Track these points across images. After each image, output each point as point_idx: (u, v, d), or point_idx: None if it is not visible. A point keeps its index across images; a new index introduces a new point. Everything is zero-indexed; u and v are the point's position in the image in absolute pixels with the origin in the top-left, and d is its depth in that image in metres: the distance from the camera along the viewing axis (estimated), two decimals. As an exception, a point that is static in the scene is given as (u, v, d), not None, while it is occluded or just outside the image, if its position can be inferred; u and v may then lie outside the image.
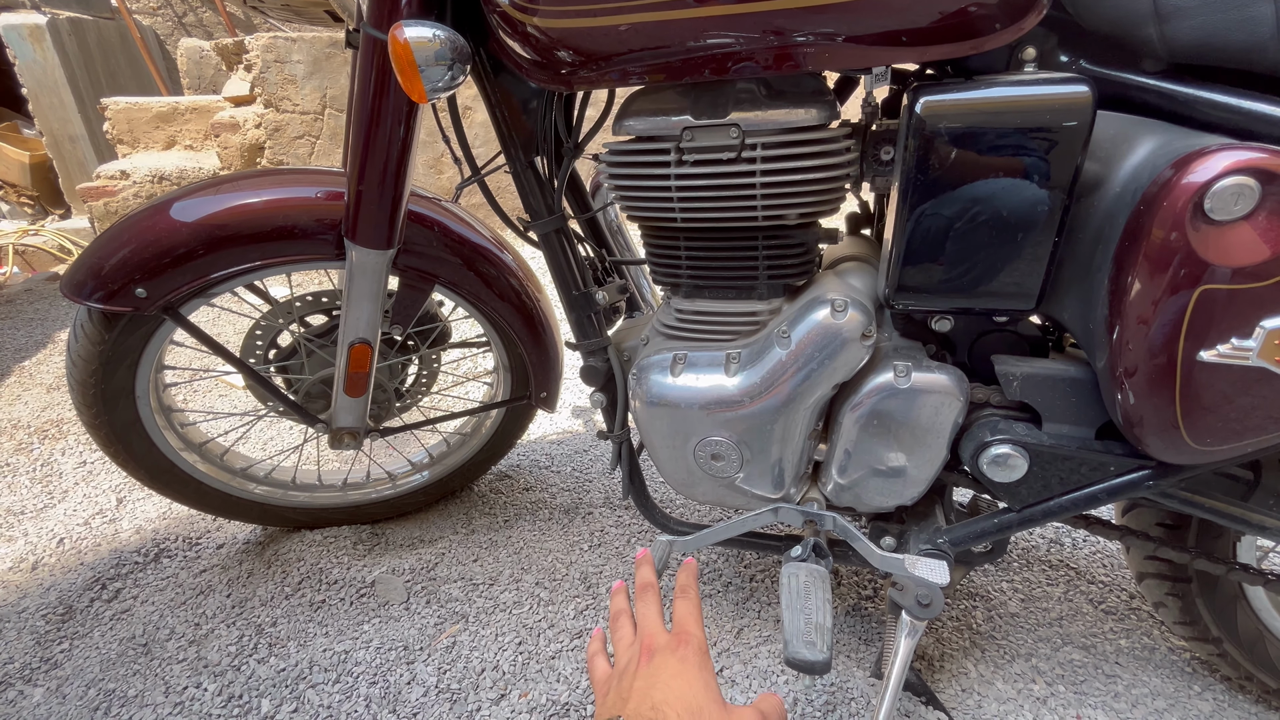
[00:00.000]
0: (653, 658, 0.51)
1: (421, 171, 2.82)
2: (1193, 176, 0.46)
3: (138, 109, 2.91)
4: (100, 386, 0.89)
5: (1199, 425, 0.53)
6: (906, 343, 0.71)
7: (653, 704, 0.46)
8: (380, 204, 0.78)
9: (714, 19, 0.55)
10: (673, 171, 0.64)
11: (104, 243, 0.83)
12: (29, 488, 1.36)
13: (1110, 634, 0.97)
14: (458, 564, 1.12)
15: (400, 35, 0.59)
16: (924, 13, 0.53)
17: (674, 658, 0.50)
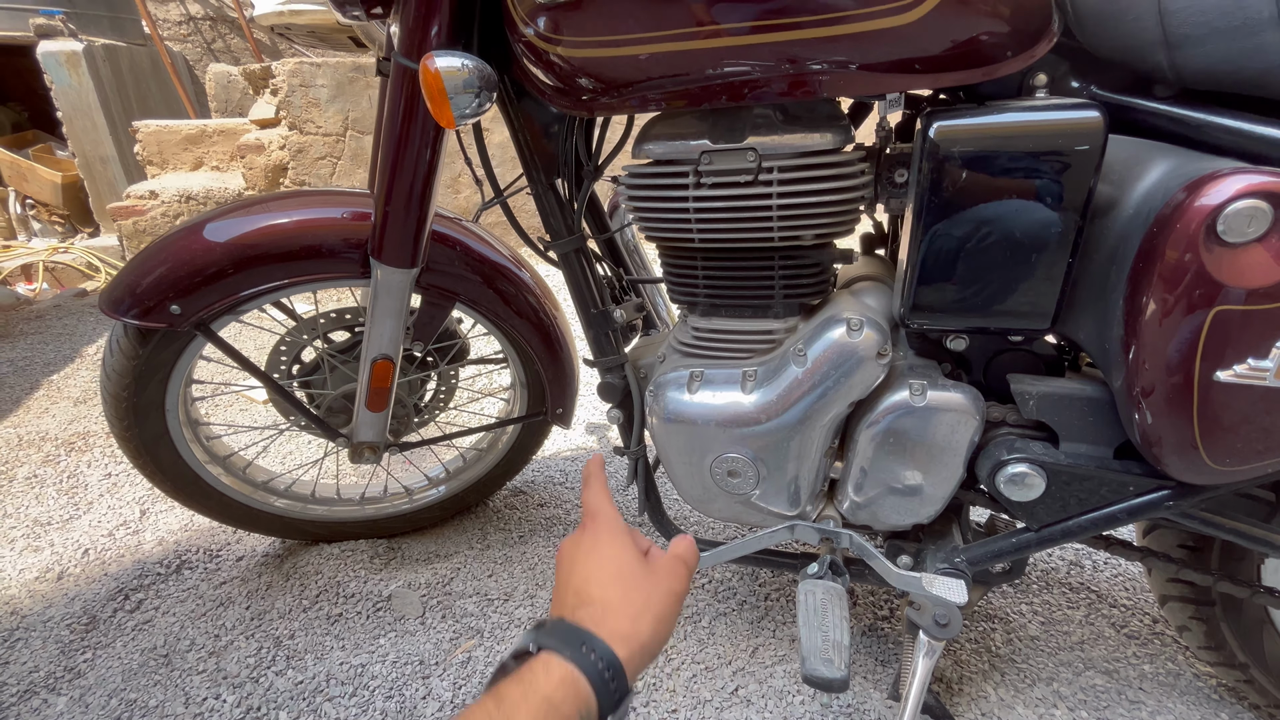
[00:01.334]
0: (565, 553, 0.51)
1: (440, 191, 2.88)
2: (1205, 199, 0.47)
3: (167, 131, 3.00)
4: (133, 400, 0.92)
5: (1218, 445, 0.53)
6: (922, 361, 0.71)
7: (575, 590, 0.47)
8: (406, 224, 0.81)
9: (731, 48, 0.57)
10: (691, 194, 0.66)
11: (140, 262, 0.86)
12: (55, 499, 1.39)
13: (1134, 659, 0.96)
14: (473, 579, 1.13)
15: (431, 65, 0.62)
16: (937, 41, 0.54)
17: (585, 540, 0.50)
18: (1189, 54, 0.51)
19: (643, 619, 0.45)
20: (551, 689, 0.39)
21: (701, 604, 1.05)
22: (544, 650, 0.41)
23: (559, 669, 0.40)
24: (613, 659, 0.41)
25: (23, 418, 1.73)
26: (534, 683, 0.39)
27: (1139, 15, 0.51)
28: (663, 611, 0.46)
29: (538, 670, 0.40)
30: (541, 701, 0.38)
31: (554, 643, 0.41)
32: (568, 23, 0.60)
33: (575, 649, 0.41)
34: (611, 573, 0.47)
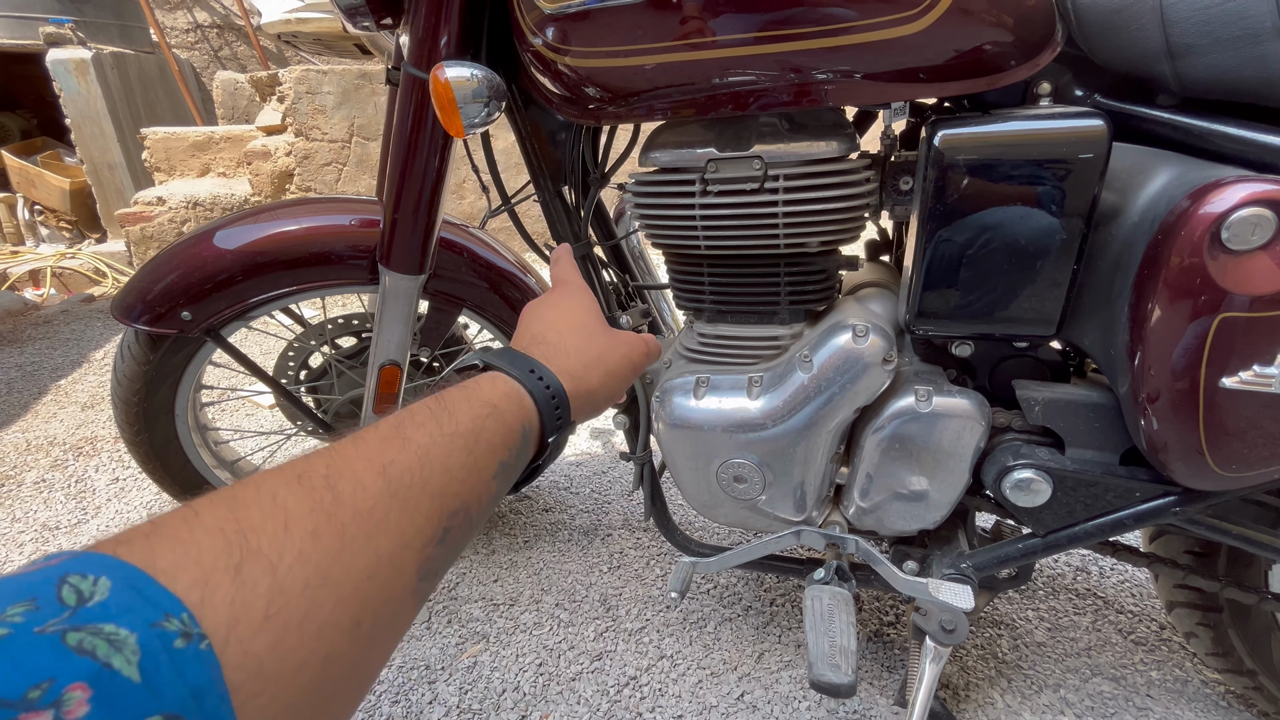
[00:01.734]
0: (531, 308, 0.51)
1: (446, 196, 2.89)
2: (1210, 207, 0.47)
3: (175, 138, 3.03)
4: (143, 405, 0.93)
5: (1224, 451, 0.53)
6: (927, 367, 0.72)
7: (532, 334, 0.46)
8: (414, 231, 0.82)
9: (737, 58, 0.57)
10: (697, 201, 0.66)
11: (152, 269, 0.87)
12: (64, 503, 1.39)
13: (1141, 665, 0.95)
14: (478, 584, 1.13)
15: (441, 75, 0.63)
16: (941, 51, 0.55)
17: (550, 297, 0.51)
18: (1192, 63, 0.51)
19: (594, 368, 0.45)
20: (497, 397, 0.38)
21: (707, 609, 1.06)
22: (490, 369, 0.41)
23: (504, 383, 0.39)
24: (559, 387, 0.42)
25: (31, 422, 1.74)
26: (478, 389, 0.38)
27: (1142, 25, 0.52)
28: (615, 368, 0.46)
29: (483, 382, 0.39)
30: (483, 404, 0.37)
31: (501, 363, 0.41)
32: (575, 33, 0.60)
33: (523, 371, 0.40)
34: (572, 322, 0.47)
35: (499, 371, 0.40)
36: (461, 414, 0.35)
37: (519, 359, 0.42)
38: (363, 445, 0.30)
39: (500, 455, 0.36)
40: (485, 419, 0.36)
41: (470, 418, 0.35)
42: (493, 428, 0.36)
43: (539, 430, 0.40)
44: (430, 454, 0.31)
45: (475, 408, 0.36)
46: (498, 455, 0.36)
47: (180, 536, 0.22)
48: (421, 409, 0.35)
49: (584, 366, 0.44)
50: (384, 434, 0.32)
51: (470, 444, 0.34)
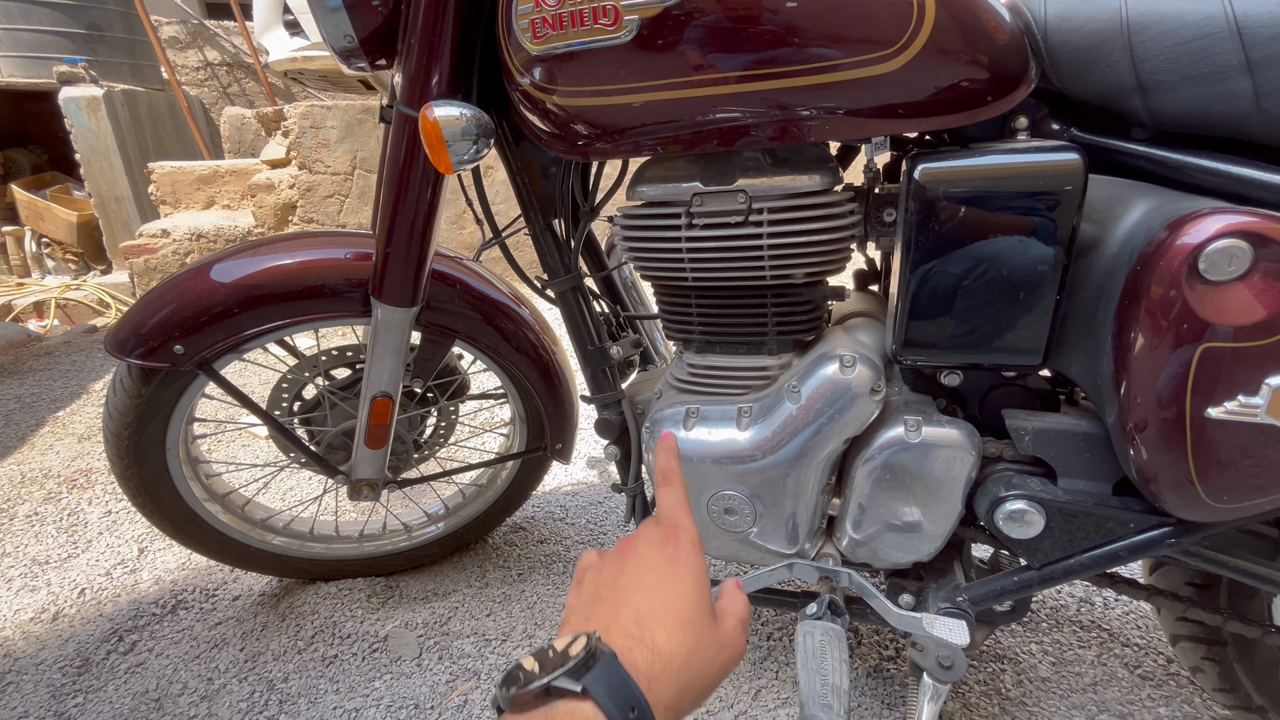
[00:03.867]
0: (636, 553, 0.43)
1: (444, 228, 2.93)
2: (1186, 238, 0.48)
3: (181, 172, 3.09)
4: (134, 439, 0.92)
5: (1214, 482, 0.52)
6: (917, 397, 0.71)
7: (637, 617, 0.39)
8: (406, 265, 0.83)
9: (721, 96, 0.59)
10: (684, 234, 0.67)
11: (146, 303, 0.88)
12: (55, 537, 1.38)
13: (1148, 701, 0.93)
14: (471, 618, 1.11)
15: (430, 114, 0.64)
16: (918, 88, 0.56)
17: (661, 557, 0.42)
18: (1163, 99, 0.52)
19: (689, 692, 0.38)
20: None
21: (702, 644, 1.03)
22: (589, 700, 0.34)
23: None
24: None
25: (27, 454, 1.74)
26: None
27: (1112, 62, 0.53)
28: (708, 686, 0.40)
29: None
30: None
31: (604, 697, 0.34)
32: (561, 73, 0.62)
33: (624, 713, 0.34)
34: (684, 618, 0.39)
35: (599, 712, 0.33)
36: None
37: (623, 690, 0.35)
38: None
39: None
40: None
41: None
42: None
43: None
44: None
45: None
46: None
47: None
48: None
49: (681, 691, 0.37)
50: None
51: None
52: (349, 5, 0.69)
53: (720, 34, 0.55)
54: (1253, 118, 0.49)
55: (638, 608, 0.39)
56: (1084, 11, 0.54)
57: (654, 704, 0.35)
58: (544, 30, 0.59)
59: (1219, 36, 0.48)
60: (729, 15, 0.54)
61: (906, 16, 0.53)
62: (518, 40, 0.62)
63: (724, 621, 0.42)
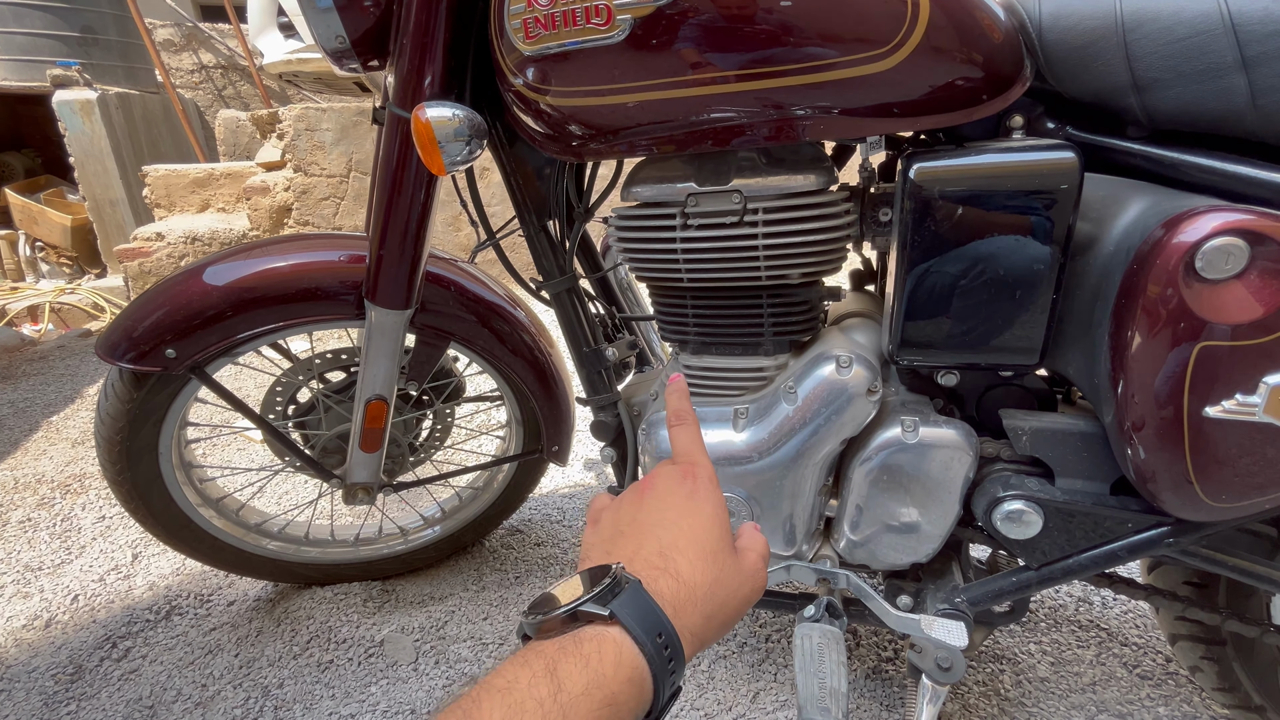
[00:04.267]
0: (654, 489, 0.43)
1: (440, 229, 2.92)
2: (1183, 236, 0.47)
3: (176, 175, 3.08)
4: (126, 444, 0.92)
5: (1212, 481, 0.52)
6: (914, 397, 0.71)
7: (660, 548, 0.38)
8: (399, 267, 0.82)
9: (716, 96, 0.58)
10: (678, 235, 0.67)
11: (138, 307, 0.87)
12: (48, 543, 1.37)
13: (1147, 701, 0.93)
14: (467, 622, 1.10)
15: (423, 115, 0.64)
16: (913, 87, 0.56)
17: (681, 491, 0.42)
18: (1158, 96, 0.52)
19: (714, 621, 0.38)
20: (619, 686, 0.32)
21: (700, 646, 1.03)
22: (616, 624, 0.33)
23: (630, 662, 0.33)
24: (681, 659, 0.35)
25: (20, 460, 1.73)
26: (601, 673, 0.32)
27: (1107, 61, 0.53)
28: (731, 617, 0.39)
29: (607, 657, 0.32)
30: (606, 701, 0.31)
31: (630, 621, 0.33)
32: (555, 74, 0.61)
33: (651, 638, 0.34)
34: (707, 549, 0.39)
35: (626, 636, 0.33)
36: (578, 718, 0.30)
37: (649, 615, 0.34)
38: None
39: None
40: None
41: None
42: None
43: (645, 714, 0.34)
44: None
45: (594, 707, 0.31)
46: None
47: None
48: (531, 695, 0.30)
49: (706, 619, 0.37)
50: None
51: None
52: (340, 6, 0.68)
53: (713, 33, 0.55)
54: (1248, 115, 0.49)
55: (660, 540, 0.39)
56: (1079, 9, 0.54)
57: (680, 630, 0.35)
58: (536, 30, 0.59)
59: (1214, 34, 0.48)
60: (722, 14, 0.54)
61: (900, 15, 0.52)
62: (510, 40, 0.61)
63: (745, 556, 0.42)
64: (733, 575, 0.40)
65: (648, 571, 0.37)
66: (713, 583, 0.38)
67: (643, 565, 0.37)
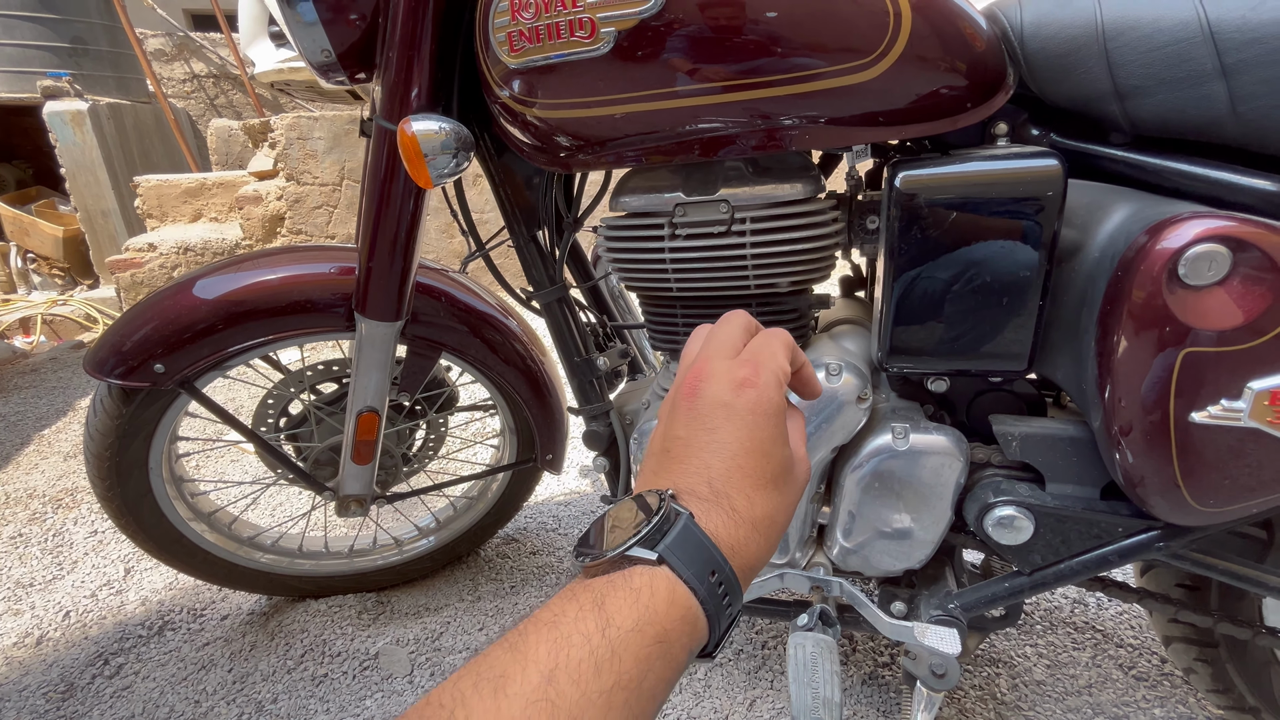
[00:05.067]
0: (701, 392, 0.36)
1: (434, 236, 2.92)
2: (1166, 243, 0.48)
3: (167, 185, 3.07)
4: (115, 460, 0.91)
5: (1200, 485, 0.52)
6: (904, 404, 0.71)
7: (709, 478, 0.34)
8: (389, 279, 0.82)
9: (701, 106, 0.58)
10: (667, 245, 0.67)
11: (126, 321, 0.87)
12: (39, 559, 1.36)
13: (1143, 703, 0.93)
14: (463, 633, 1.10)
15: (408, 129, 0.64)
16: (897, 96, 0.56)
17: (739, 402, 0.35)
18: (1140, 104, 0.52)
19: (766, 548, 0.35)
20: (672, 624, 0.30)
21: (697, 654, 1.02)
22: (667, 565, 0.31)
23: (683, 601, 0.30)
24: (737, 594, 0.33)
25: (11, 474, 1.71)
26: (653, 609, 0.29)
27: (1089, 68, 0.53)
28: (780, 536, 0.36)
29: (659, 593, 0.30)
30: (655, 637, 0.29)
31: (680, 564, 0.31)
32: (541, 85, 0.61)
33: (704, 579, 0.31)
34: (767, 477, 0.35)
35: (678, 580, 0.31)
36: (627, 656, 0.28)
37: (703, 555, 0.32)
38: (506, 707, 0.26)
39: (660, 700, 0.30)
40: (654, 660, 0.29)
41: (636, 660, 0.28)
42: (659, 670, 0.29)
43: (698, 652, 0.33)
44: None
45: (645, 643, 0.29)
46: (658, 701, 0.29)
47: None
48: (579, 640, 0.28)
49: (759, 552, 0.34)
50: (530, 692, 0.26)
51: (630, 697, 0.28)
52: (325, 20, 0.68)
53: (697, 45, 0.55)
54: (1228, 122, 0.49)
55: (710, 467, 0.34)
56: (1060, 18, 0.54)
57: (738, 570, 0.33)
58: (521, 43, 0.59)
59: (1193, 42, 0.48)
60: (705, 26, 0.54)
61: (883, 25, 0.53)
62: (495, 53, 0.61)
63: (799, 468, 0.37)
64: (792, 495, 0.36)
65: (697, 504, 0.33)
66: (773, 511, 0.35)
67: (691, 498, 0.34)
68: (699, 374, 0.37)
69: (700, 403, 0.36)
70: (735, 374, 0.36)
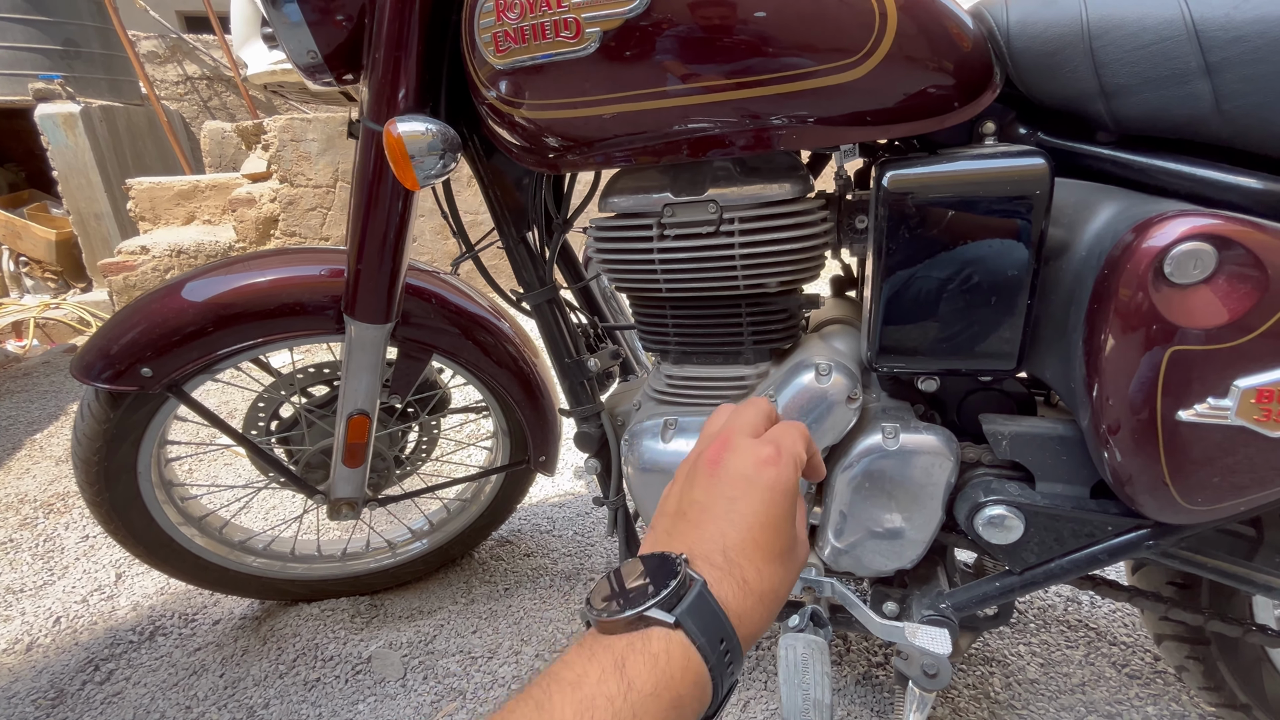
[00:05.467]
0: (723, 465, 0.38)
1: (429, 238, 2.92)
2: (1152, 241, 0.48)
3: (160, 188, 3.06)
4: (103, 464, 0.91)
5: (1188, 484, 0.52)
6: (895, 403, 0.71)
7: (724, 546, 0.36)
8: (378, 282, 0.81)
9: (689, 107, 0.58)
10: (655, 245, 0.67)
11: (114, 325, 0.86)
12: (30, 564, 1.35)
13: (1136, 700, 0.93)
14: (456, 636, 1.09)
15: (394, 130, 0.63)
16: (884, 95, 0.56)
17: (760, 479, 0.37)
18: (1125, 102, 0.52)
19: (766, 621, 0.36)
20: (686, 689, 0.32)
21: (691, 656, 1.02)
22: (681, 630, 0.32)
23: (695, 666, 0.32)
24: (739, 660, 0.34)
25: (3, 479, 1.70)
26: (670, 675, 0.31)
27: (1075, 67, 0.53)
28: (780, 607, 0.38)
29: (675, 659, 0.32)
30: (673, 703, 0.31)
31: (696, 631, 0.33)
32: (527, 86, 0.61)
33: (714, 646, 0.33)
34: (776, 552, 0.37)
35: (692, 647, 0.32)
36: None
37: (714, 623, 0.33)
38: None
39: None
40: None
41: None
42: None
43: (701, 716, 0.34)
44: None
45: (662, 708, 0.31)
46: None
47: None
48: (604, 703, 0.29)
49: (762, 622, 0.36)
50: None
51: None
52: (311, 21, 0.68)
53: (683, 45, 0.55)
54: (1214, 120, 0.49)
55: (724, 536, 0.36)
56: (1045, 16, 0.54)
57: (744, 638, 0.35)
58: (506, 44, 0.58)
59: (1178, 40, 0.48)
60: (690, 26, 0.54)
61: (869, 24, 0.53)
62: (481, 54, 0.61)
63: (800, 549, 0.39)
64: (794, 573, 0.38)
65: (711, 572, 0.35)
66: (778, 585, 0.37)
67: (705, 564, 0.35)
68: (724, 446, 0.40)
69: (723, 472, 0.38)
70: (759, 451, 0.39)
